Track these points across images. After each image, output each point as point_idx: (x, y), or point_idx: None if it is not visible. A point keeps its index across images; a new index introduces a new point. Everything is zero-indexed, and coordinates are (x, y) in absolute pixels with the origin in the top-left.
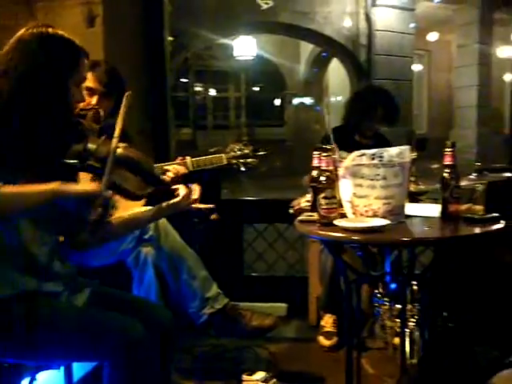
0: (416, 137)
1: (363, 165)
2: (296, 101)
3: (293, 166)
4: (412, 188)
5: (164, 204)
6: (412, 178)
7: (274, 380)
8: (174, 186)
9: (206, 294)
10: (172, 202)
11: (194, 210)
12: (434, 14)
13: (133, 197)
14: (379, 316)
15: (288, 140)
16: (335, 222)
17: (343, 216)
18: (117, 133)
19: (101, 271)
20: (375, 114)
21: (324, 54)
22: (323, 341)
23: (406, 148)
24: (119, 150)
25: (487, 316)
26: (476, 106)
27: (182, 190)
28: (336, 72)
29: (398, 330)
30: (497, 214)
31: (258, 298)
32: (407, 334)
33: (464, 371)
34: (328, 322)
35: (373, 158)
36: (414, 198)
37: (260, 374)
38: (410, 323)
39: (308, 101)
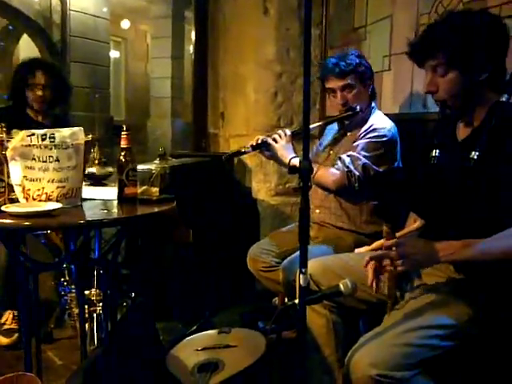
0: (114, 123)
1: (34, 145)
2: None
3: None
4: (96, 171)
5: None
6: (96, 161)
7: None
8: None
9: None
10: None
11: None
12: (129, 2)
13: None
14: (67, 304)
15: None
16: (2, 208)
17: (14, 201)
18: None
19: None
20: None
21: (11, 26)
22: (2, 339)
23: (78, 129)
24: None
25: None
26: (170, 96)
27: None
28: (30, 48)
29: (86, 316)
30: (171, 196)
31: None
32: (94, 318)
33: (148, 347)
34: (8, 318)
35: (44, 139)
36: (100, 181)
37: None
38: (98, 308)
39: None
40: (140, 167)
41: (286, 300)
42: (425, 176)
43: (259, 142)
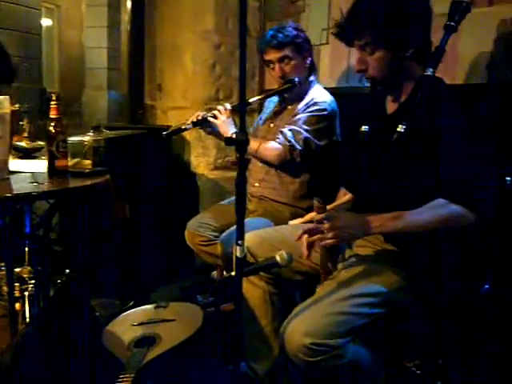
0: (47, 95)
1: None
2: None
3: None
4: (26, 144)
5: None
6: (25, 134)
7: None
8: None
9: None
10: None
11: None
12: None
13: None
14: None
15: None
16: None
17: None
18: None
19: None
20: None
21: None
22: None
23: (3, 98)
24: None
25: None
26: (106, 67)
27: None
28: None
29: (18, 294)
30: (104, 168)
31: None
32: (26, 297)
33: (83, 324)
34: None
35: None
36: (29, 154)
37: None
38: (29, 286)
39: None
40: (72, 139)
41: (225, 273)
42: (354, 151)
43: (199, 118)
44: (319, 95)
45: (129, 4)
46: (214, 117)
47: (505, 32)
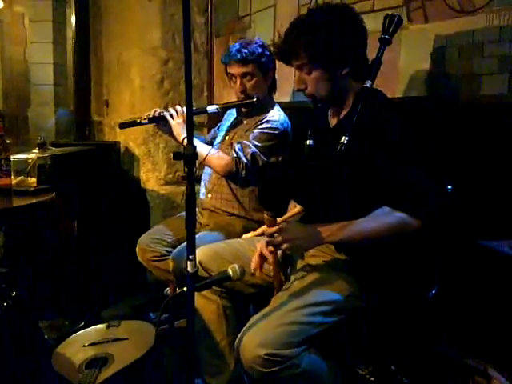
0: None
1: None
2: None
3: None
4: None
5: None
6: None
7: None
8: None
9: None
10: None
11: None
12: None
13: None
14: None
15: None
16: None
17: None
18: None
19: None
20: None
21: None
22: None
23: None
24: None
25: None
26: (52, 84)
27: None
28: None
29: None
30: (49, 186)
31: None
32: None
33: (30, 347)
34: None
35: None
36: None
37: None
38: None
39: None
40: (15, 157)
41: (178, 289)
42: (300, 166)
43: (156, 114)
44: (274, 115)
45: (73, 19)
46: (171, 116)
47: (440, 47)
